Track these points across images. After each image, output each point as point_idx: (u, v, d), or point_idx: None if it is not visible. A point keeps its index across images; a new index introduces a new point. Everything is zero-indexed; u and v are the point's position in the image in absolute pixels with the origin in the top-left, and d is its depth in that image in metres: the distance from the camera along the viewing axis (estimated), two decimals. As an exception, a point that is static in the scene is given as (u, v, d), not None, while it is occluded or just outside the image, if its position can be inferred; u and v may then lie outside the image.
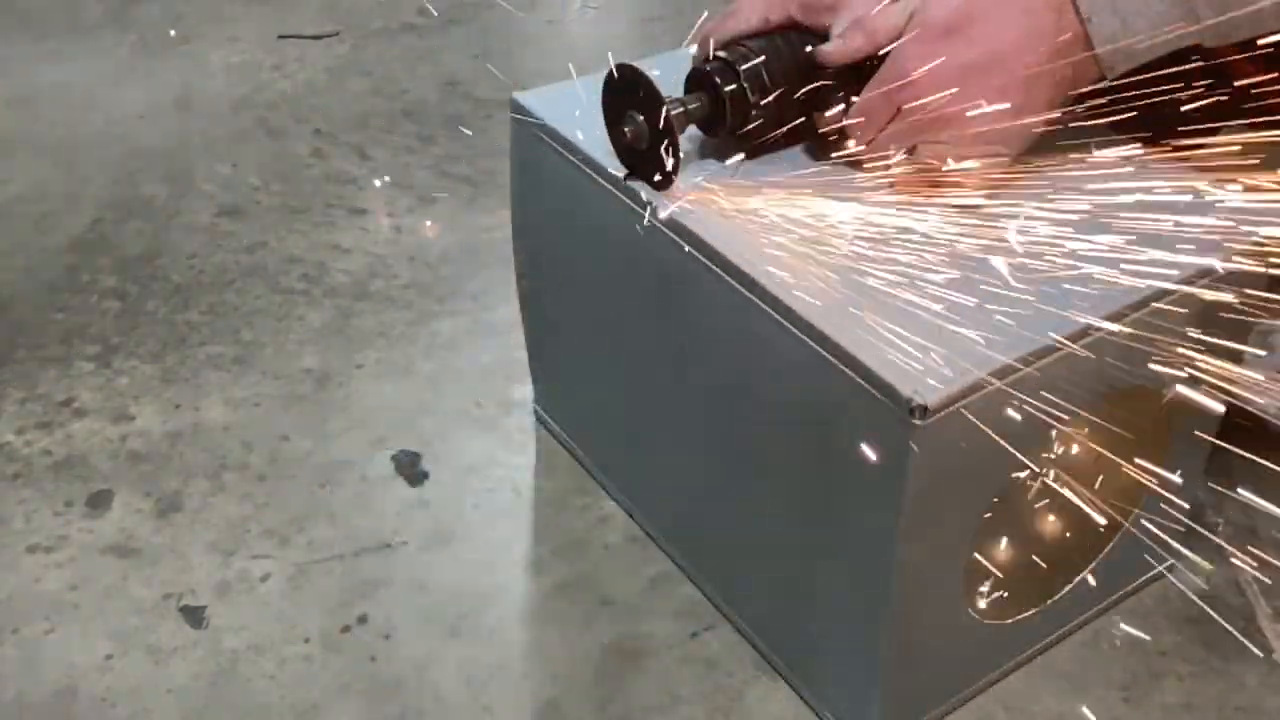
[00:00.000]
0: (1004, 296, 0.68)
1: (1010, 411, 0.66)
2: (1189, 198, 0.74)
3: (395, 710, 0.83)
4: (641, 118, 0.75)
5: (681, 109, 0.76)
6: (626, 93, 0.75)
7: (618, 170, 0.79)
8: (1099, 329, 0.68)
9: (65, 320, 1.17)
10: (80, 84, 1.55)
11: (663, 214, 0.76)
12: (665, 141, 0.75)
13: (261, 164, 1.42)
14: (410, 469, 1.02)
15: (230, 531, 0.96)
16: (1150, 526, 0.86)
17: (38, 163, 1.40)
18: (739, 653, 0.87)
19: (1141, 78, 0.72)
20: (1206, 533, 0.96)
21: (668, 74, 0.78)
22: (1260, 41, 0.70)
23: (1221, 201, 0.74)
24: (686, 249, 0.75)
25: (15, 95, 1.53)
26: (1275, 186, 0.72)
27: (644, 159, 0.77)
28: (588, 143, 0.81)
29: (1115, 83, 0.72)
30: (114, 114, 1.50)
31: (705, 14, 0.83)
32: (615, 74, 0.76)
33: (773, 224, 0.75)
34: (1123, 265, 0.70)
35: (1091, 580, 0.85)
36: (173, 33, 1.66)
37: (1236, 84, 0.71)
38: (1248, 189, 0.73)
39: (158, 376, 1.10)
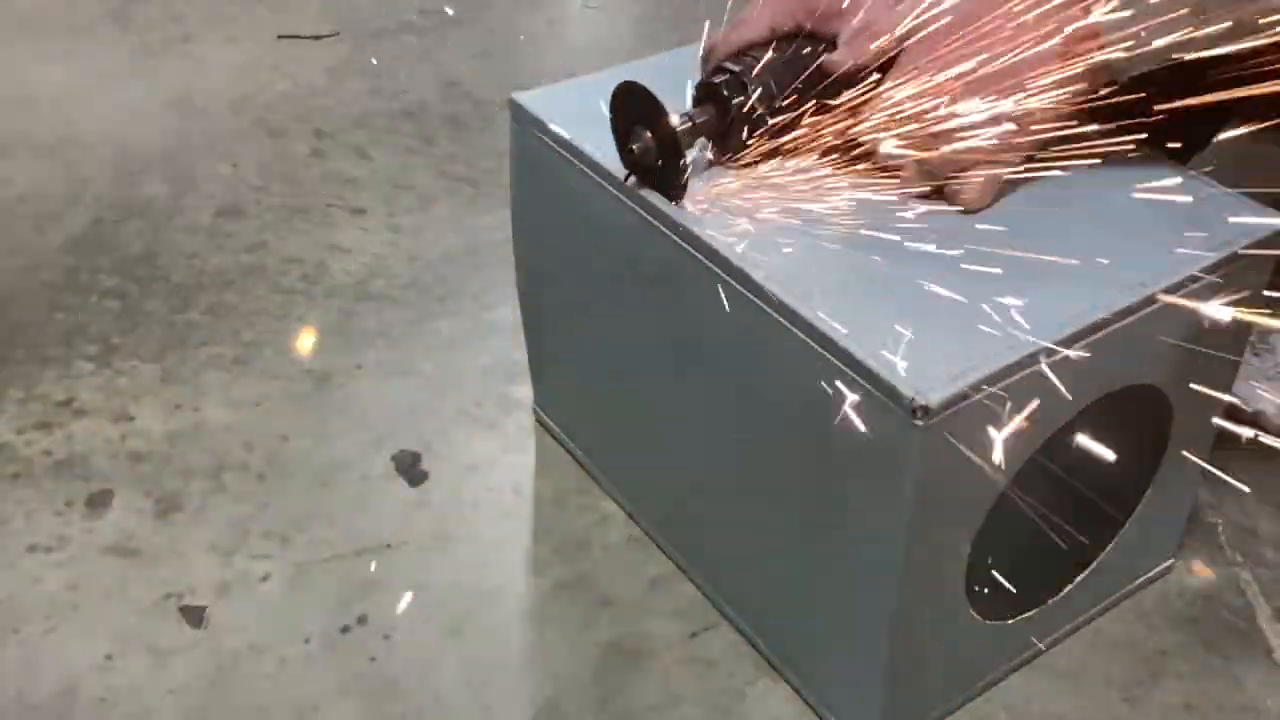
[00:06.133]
0: (1006, 297, 0.68)
1: (1011, 411, 0.66)
2: (1189, 198, 0.74)
3: (395, 710, 0.83)
4: (649, 134, 0.74)
5: (689, 124, 0.75)
6: (633, 108, 0.75)
7: (618, 171, 0.79)
8: (1100, 329, 0.68)
9: (65, 320, 1.17)
10: (80, 84, 1.55)
11: (673, 217, 0.76)
12: (674, 156, 0.74)
13: (261, 164, 1.41)
14: (410, 469, 1.02)
15: (230, 531, 0.96)
16: (1150, 526, 0.86)
17: (38, 163, 1.40)
18: (739, 653, 0.87)
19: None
20: (1206, 533, 0.96)
21: (669, 76, 0.77)
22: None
23: (1223, 202, 0.75)
24: (687, 249, 0.75)
25: (15, 95, 1.52)
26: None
27: (652, 172, 0.76)
28: (588, 143, 0.81)
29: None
30: (114, 114, 1.50)
31: (708, 19, 0.82)
32: (622, 90, 0.75)
33: (774, 226, 0.75)
34: (1123, 266, 0.70)
35: (1091, 580, 0.85)
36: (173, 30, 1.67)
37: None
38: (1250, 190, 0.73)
39: (158, 376, 1.10)
